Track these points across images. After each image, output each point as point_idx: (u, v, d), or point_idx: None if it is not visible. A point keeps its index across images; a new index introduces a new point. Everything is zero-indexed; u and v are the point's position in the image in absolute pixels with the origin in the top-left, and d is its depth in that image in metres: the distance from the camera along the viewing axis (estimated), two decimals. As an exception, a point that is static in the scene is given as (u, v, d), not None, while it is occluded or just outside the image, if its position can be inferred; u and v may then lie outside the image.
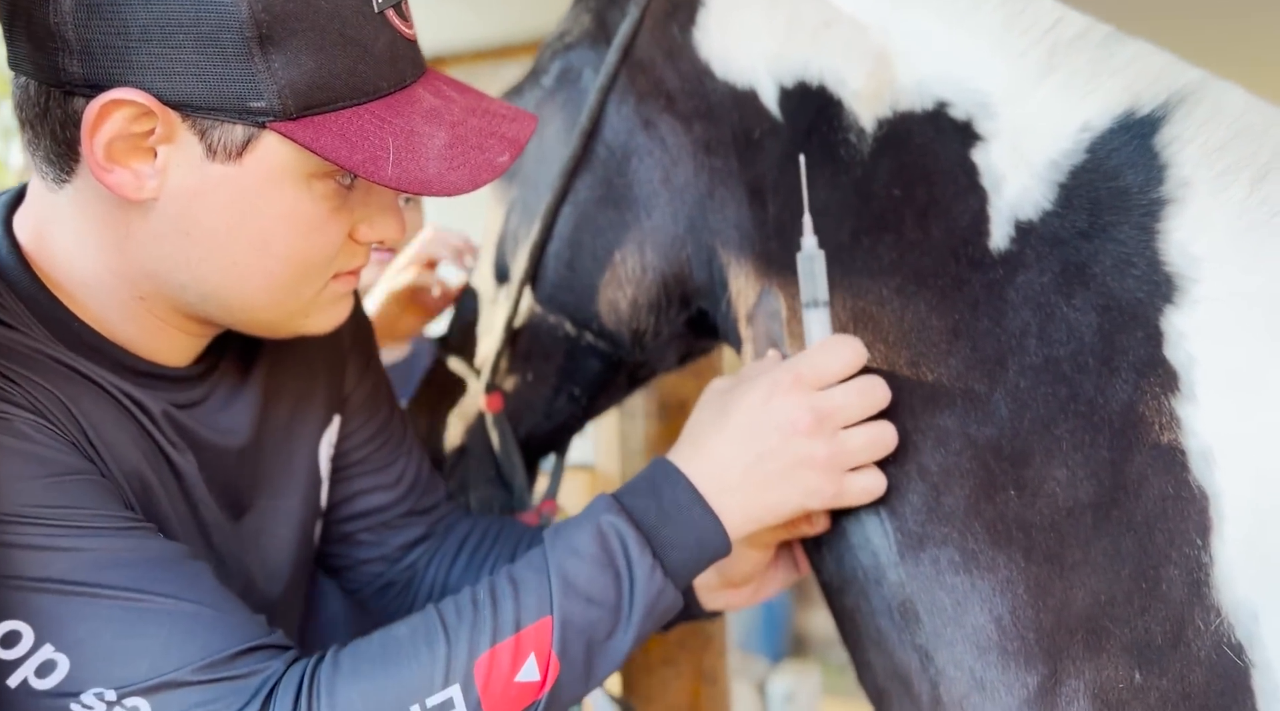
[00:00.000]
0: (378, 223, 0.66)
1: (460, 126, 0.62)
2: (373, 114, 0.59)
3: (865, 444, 0.66)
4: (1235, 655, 0.55)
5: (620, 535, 0.64)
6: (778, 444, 0.66)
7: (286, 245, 0.61)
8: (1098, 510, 0.60)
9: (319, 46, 0.57)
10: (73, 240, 0.62)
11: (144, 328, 0.65)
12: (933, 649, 0.64)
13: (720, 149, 0.79)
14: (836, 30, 0.75)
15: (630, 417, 1.39)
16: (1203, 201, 0.62)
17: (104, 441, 0.62)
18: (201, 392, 0.70)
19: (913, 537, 0.65)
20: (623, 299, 0.84)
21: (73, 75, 0.56)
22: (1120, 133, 0.64)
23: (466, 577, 0.86)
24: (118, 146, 0.56)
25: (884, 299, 0.69)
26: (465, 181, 0.60)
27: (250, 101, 0.56)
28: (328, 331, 0.70)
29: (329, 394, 0.82)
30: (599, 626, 0.63)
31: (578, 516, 0.67)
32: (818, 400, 0.66)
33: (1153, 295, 0.61)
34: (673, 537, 0.65)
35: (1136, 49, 0.67)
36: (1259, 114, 0.62)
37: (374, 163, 0.57)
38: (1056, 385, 0.63)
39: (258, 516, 0.75)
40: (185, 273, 0.61)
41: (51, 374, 0.61)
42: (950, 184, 0.68)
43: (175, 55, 0.55)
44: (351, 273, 0.68)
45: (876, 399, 0.67)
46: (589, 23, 0.87)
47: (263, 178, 0.59)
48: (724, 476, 0.67)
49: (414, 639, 0.61)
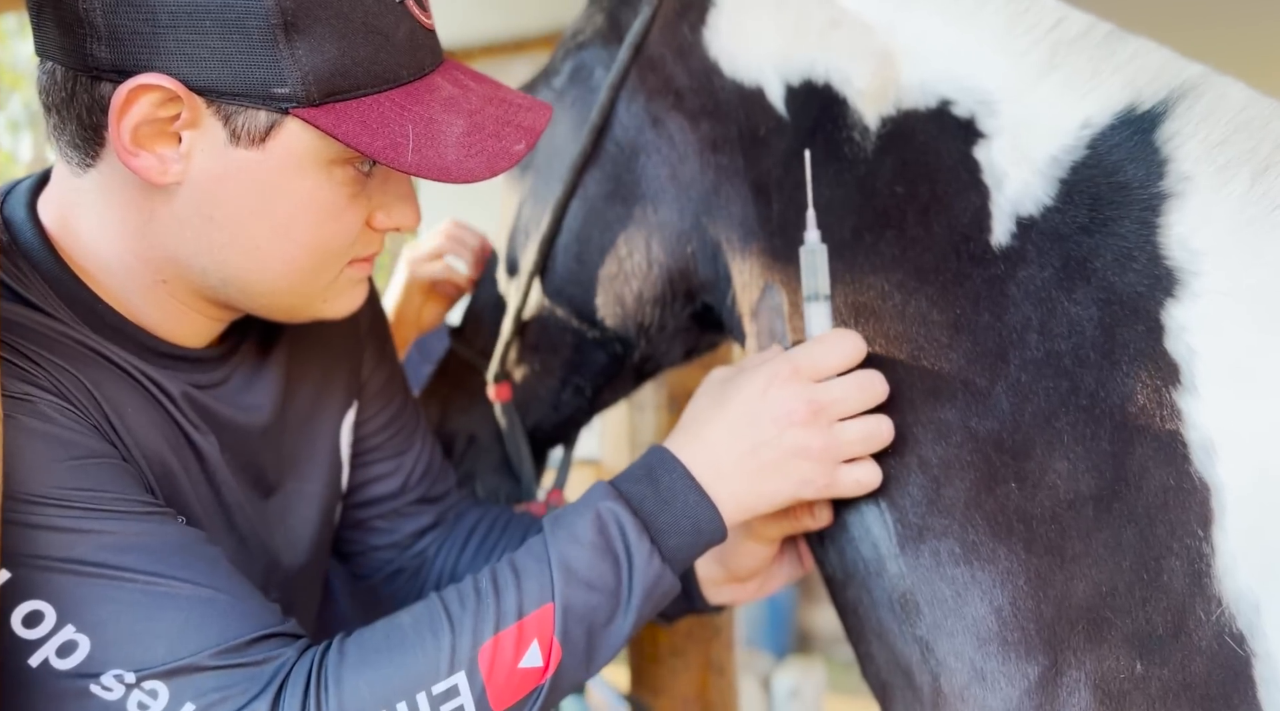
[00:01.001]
0: (394, 210, 0.67)
1: (478, 114, 0.63)
2: (393, 101, 0.60)
3: (860, 437, 0.67)
4: (1237, 645, 0.55)
5: (619, 521, 0.65)
6: (773, 434, 0.67)
7: (306, 230, 0.62)
8: (1099, 502, 0.61)
9: (342, 34, 0.58)
10: (96, 224, 0.63)
11: (165, 311, 0.66)
12: (933, 640, 0.64)
13: (726, 146, 0.80)
14: (843, 30, 0.76)
15: (639, 410, 1.39)
16: (1204, 196, 0.62)
17: (125, 424, 0.63)
18: (223, 374, 0.71)
19: (913, 529, 0.66)
20: (629, 293, 0.85)
21: (100, 60, 0.57)
22: (1121, 128, 0.65)
23: (474, 566, 0.87)
24: (144, 131, 0.58)
25: (886, 294, 0.70)
26: (483, 168, 0.61)
27: (274, 87, 0.57)
28: (344, 316, 0.71)
29: (348, 380, 0.83)
30: (599, 612, 0.64)
31: (576, 503, 0.68)
32: (815, 392, 0.67)
33: (1154, 289, 0.62)
34: (670, 523, 0.66)
35: (1137, 46, 0.67)
36: (1259, 109, 0.63)
37: (394, 149, 0.58)
38: (1058, 379, 0.63)
39: (284, 498, 0.76)
40: (207, 257, 0.63)
41: (75, 357, 0.62)
42: (953, 181, 0.69)
43: (202, 41, 0.56)
44: (367, 259, 0.69)
45: (874, 392, 0.67)
46: (601, 22, 0.88)
47: (285, 163, 0.60)
48: (719, 464, 0.68)
49: (418, 627, 0.61)
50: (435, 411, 1.01)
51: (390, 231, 0.69)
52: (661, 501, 0.66)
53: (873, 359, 0.70)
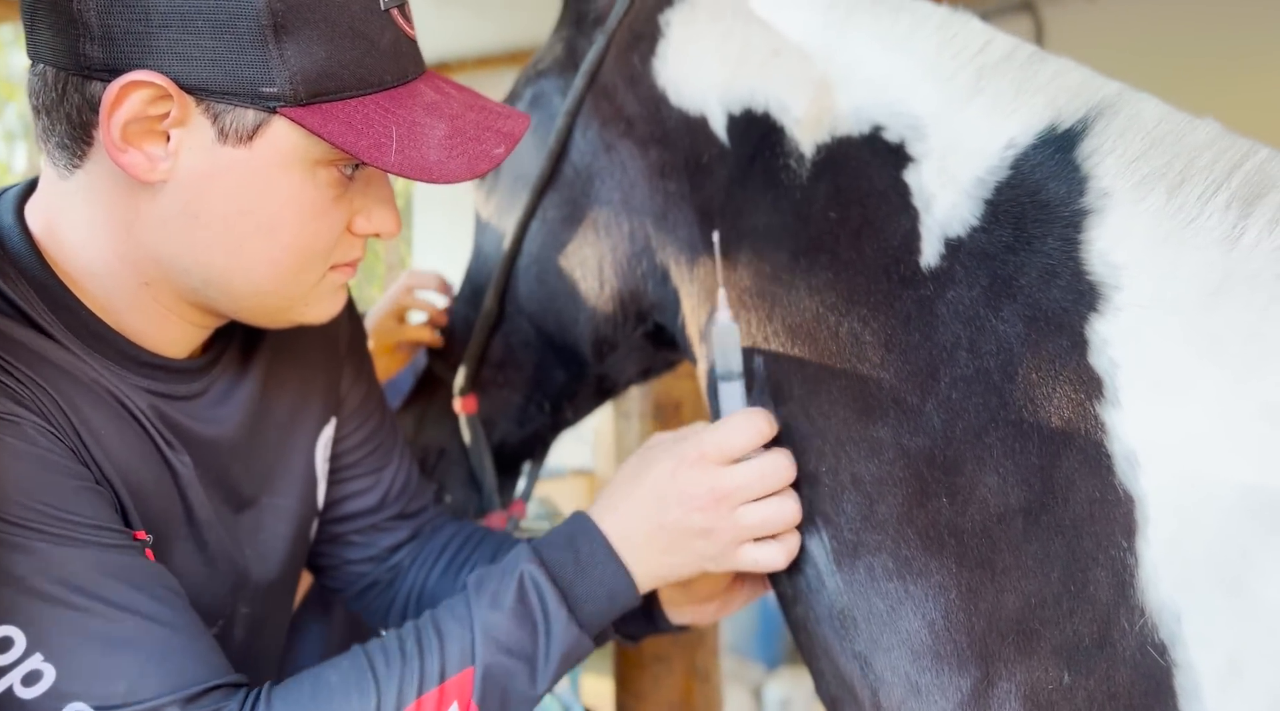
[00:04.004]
0: (375, 215, 0.69)
1: (459, 119, 0.65)
2: (377, 104, 0.62)
3: (761, 520, 0.70)
4: (1159, 655, 0.56)
5: (539, 588, 0.68)
6: (678, 515, 0.71)
7: (290, 230, 0.64)
8: (1028, 515, 0.62)
9: (330, 37, 0.60)
10: (82, 226, 0.65)
11: (148, 317, 0.68)
12: (870, 655, 0.65)
13: (674, 173, 0.83)
14: (783, 59, 0.78)
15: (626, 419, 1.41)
16: (1122, 210, 0.63)
17: (100, 445, 0.64)
18: (201, 385, 0.73)
19: (848, 546, 0.67)
20: (583, 313, 0.88)
21: (92, 60, 0.59)
22: (1043, 148, 0.66)
23: (445, 581, 0.90)
24: (133, 128, 0.59)
25: (820, 316, 0.71)
26: (464, 170, 0.63)
27: (262, 87, 0.59)
28: (324, 321, 0.73)
29: (326, 396, 0.85)
30: (516, 676, 0.67)
31: (501, 564, 0.71)
32: (718, 478, 0.70)
33: (1077, 304, 0.63)
34: (587, 591, 0.70)
35: (1058, 66, 0.69)
36: (1172, 123, 0.64)
37: (378, 149, 0.61)
38: (987, 395, 0.64)
39: (258, 513, 0.78)
40: (190, 256, 0.64)
41: (54, 374, 0.63)
42: (883, 204, 0.71)
43: (193, 41, 0.58)
44: (349, 264, 0.71)
45: (779, 478, 0.70)
46: (560, 51, 0.92)
47: (271, 162, 0.62)
48: (631, 536, 0.72)
49: (345, 686, 0.64)
50: (410, 425, 1.04)
51: (370, 236, 0.71)
52: (580, 569, 0.70)
53: (807, 379, 0.71)
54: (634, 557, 0.71)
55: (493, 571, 0.70)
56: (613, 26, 0.86)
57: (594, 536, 0.71)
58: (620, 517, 0.72)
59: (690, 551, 0.71)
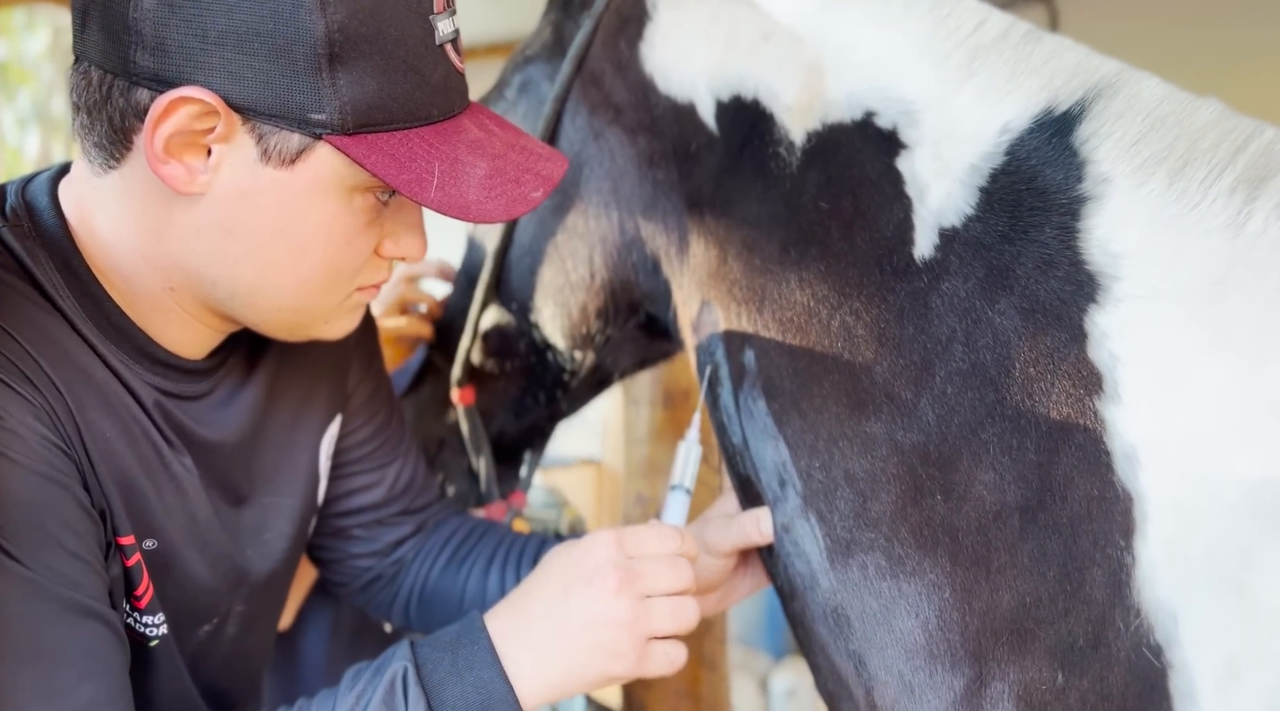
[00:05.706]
0: (403, 240, 0.69)
1: (500, 159, 0.65)
2: (422, 138, 0.62)
3: (668, 612, 0.69)
4: (1154, 656, 0.55)
5: (406, 690, 0.66)
6: (584, 601, 0.68)
7: (320, 251, 0.64)
8: (1025, 513, 0.61)
9: (383, 70, 0.60)
10: (112, 224, 0.65)
11: (168, 317, 0.68)
12: (864, 654, 0.65)
13: (662, 162, 0.81)
14: (773, 43, 0.76)
15: (635, 406, 1.40)
16: (1122, 197, 0.61)
17: (99, 448, 0.64)
18: (209, 385, 0.74)
19: (841, 544, 0.66)
20: (574, 304, 0.87)
21: (142, 68, 0.58)
22: (1039, 132, 0.64)
23: (448, 575, 0.90)
24: (176, 141, 0.59)
25: (811, 309, 0.70)
26: (500, 211, 0.63)
27: (311, 113, 0.59)
28: (340, 338, 0.74)
29: (332, 393, 0.85)
30: None
31: (380, 659, 0.69)
32: (628, 564, 0.69)
33: (1075, 295, 0.61)
34: (457, 696, 0.66)
35: (1053, 46, 0.66)
36: (1174, 104, 0.61)
37: (419, 184, 0.61)
38: (983, 390, 0.63)
39: (259, 511, 0.79)
40: (219, 269, 0.65)
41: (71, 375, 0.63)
42: (876, 193, 0.69)
43: (247, 62, 0.58)
44: (375, 286, 0.72)
45: (682, 577, 0.70)
46: (548, 36, 0.90)
47: (310, 186, 0.62)
48: (527, 634, 0.68)
49: None
50: (410, 416, 1.04)
51: (396, 260, 0.71)
52: (455, 673, 0.67)
53: (798, 375, 0.70)
54: (529, 661, 0.67)
55: (369, 668, 0.69)
56: (599, 10, 0.84)
57: (477, 637, 0.68)
58: (521, 618, 0.69)
59: (597, 644, 0.68)
